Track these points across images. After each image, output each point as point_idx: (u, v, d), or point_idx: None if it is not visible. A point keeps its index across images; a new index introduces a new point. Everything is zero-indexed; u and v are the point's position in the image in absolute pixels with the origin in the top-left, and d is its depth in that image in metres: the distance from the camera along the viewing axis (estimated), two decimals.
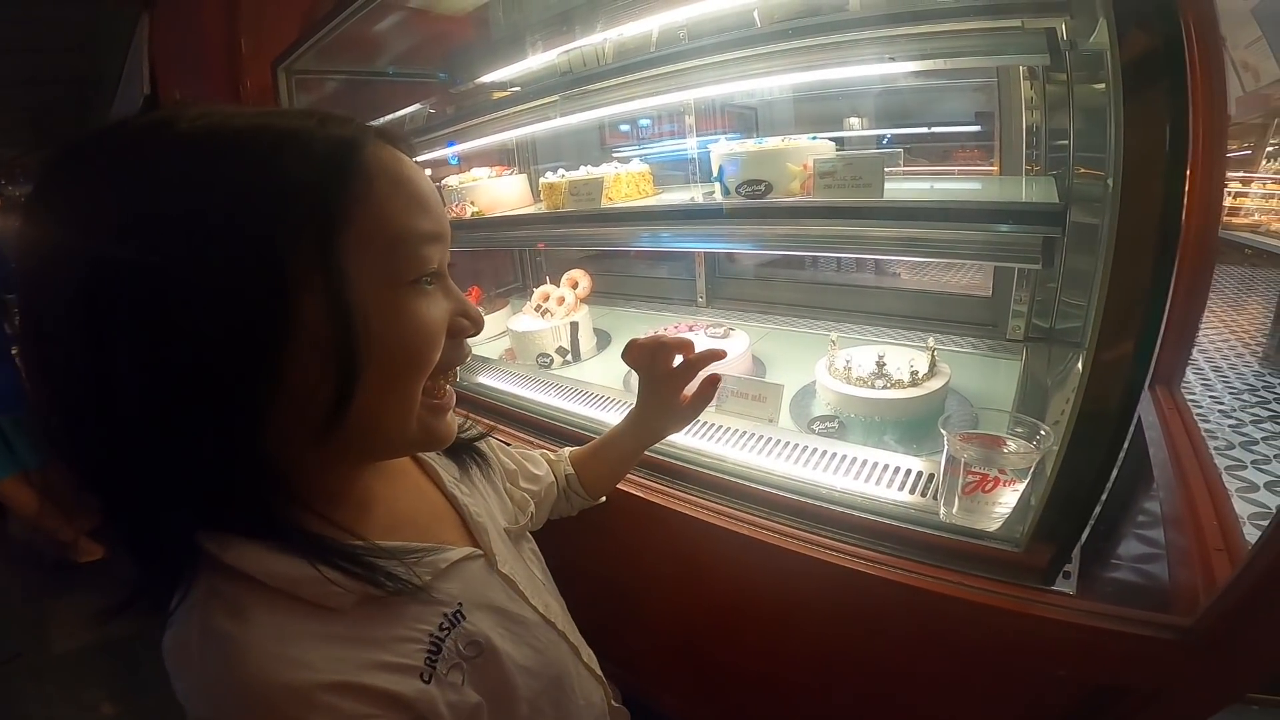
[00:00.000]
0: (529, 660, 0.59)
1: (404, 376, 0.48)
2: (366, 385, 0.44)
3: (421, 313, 0.47)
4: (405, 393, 0.49)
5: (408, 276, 0.47)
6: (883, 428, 1.24)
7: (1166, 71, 0.60)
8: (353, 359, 0.43)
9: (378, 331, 0.44)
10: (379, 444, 0.52)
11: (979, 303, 1.64)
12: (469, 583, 0.58)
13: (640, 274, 2.40)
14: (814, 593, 1.00)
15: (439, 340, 0.49)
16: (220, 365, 0.40)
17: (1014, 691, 0.91)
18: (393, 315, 0.46)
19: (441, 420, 0.54)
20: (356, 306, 0.43)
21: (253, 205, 0.40)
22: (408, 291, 0.47)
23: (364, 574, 0.48)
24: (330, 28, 1.77)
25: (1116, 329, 0.68)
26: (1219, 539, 0.83)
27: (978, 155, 1.86)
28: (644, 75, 1.26)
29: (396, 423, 0.50)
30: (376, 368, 0.45)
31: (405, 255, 0.46)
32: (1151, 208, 0.62)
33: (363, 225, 0.44)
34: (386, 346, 0.45)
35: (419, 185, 0.48)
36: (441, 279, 0.51)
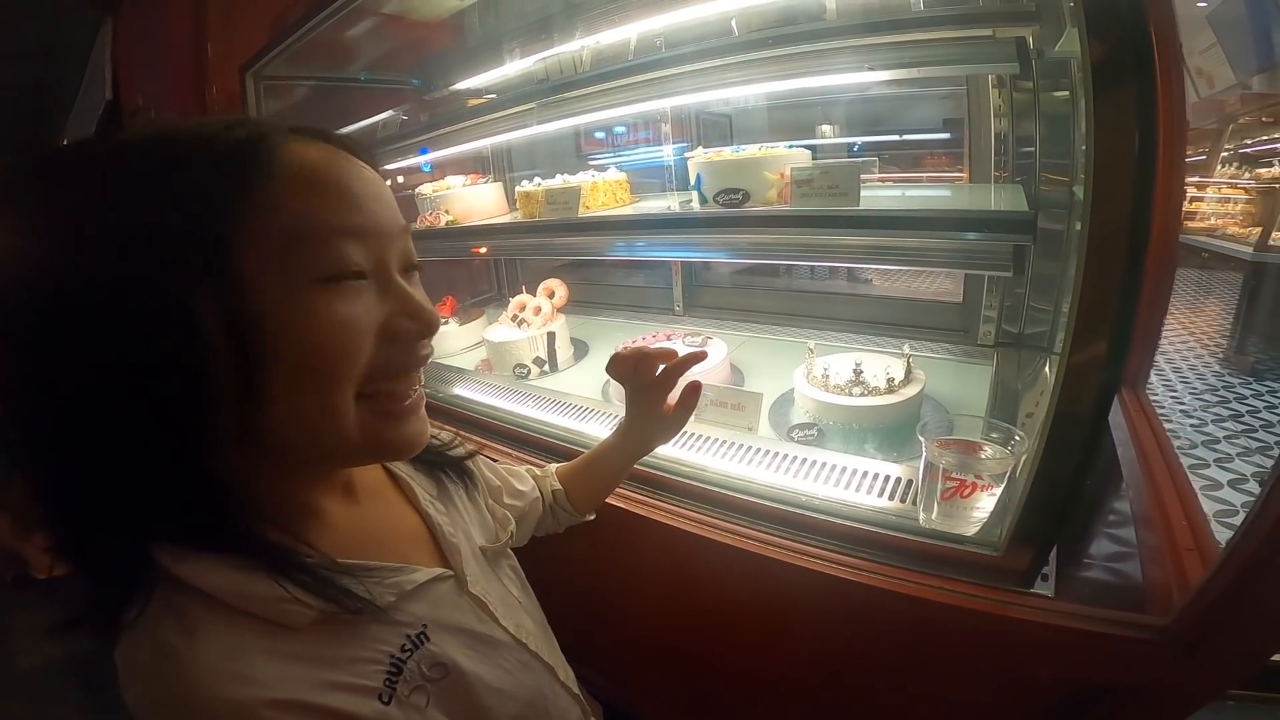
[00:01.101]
0: (501, 681, 0.58)
1: (320, 382, 0.45)
2: (282, 392, 0.43)
3: (335, 314, 0.44)
4: (327, 400, 0.45)
5: (320, 274, 0.44)
6: (861, 434, 1.25)
7: (1136, 78, 0.61)
8: (249, 366, 0.41)
9: (286, 335, 0.42)
10: (317, 453, 0.49)
11: (951, 309, 1.67)
12: (437, 604, 0.57)
13: (617, 283, 2.40)
14: (797, 600, 1.00)
15: (358, 343, 0.46)
16: (132, 380, 0.40)
17: (997, 693, 0.92)
18: (300, 317, 0.43)
19: (397, 428, 0.50)
20: (255, 311, 0.41)
21: (144, 218, 0.40)
22: (322, 292, 0.44)
23: (320, 589, 0.47)
24: (302, 33, 1.74)
25: (1090, 333, 0.69)
26: (1189, 538, 0.84)
27: (947, 162, 1.89)
28: (622, 83, 1.26)
29: (327, 431, 0.46)
30: (287, 373, 0.43)
31: (316, 253, 0.44)
32: (1122, 212, 0.64)
33: (266, 225, 0.42)
34: (296, 351, 0.43)
35: (340, 180, 0.46)
36: (381, 276, 0.48)
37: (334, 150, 0.48)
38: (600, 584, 1.32)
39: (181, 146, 0.42)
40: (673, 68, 1.18)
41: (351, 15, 1.70)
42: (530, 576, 0.78)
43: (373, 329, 0.47)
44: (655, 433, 0.91)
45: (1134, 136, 0.61)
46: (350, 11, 1.64)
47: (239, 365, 0.41)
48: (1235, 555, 0.63)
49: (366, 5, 1.82)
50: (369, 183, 0.49)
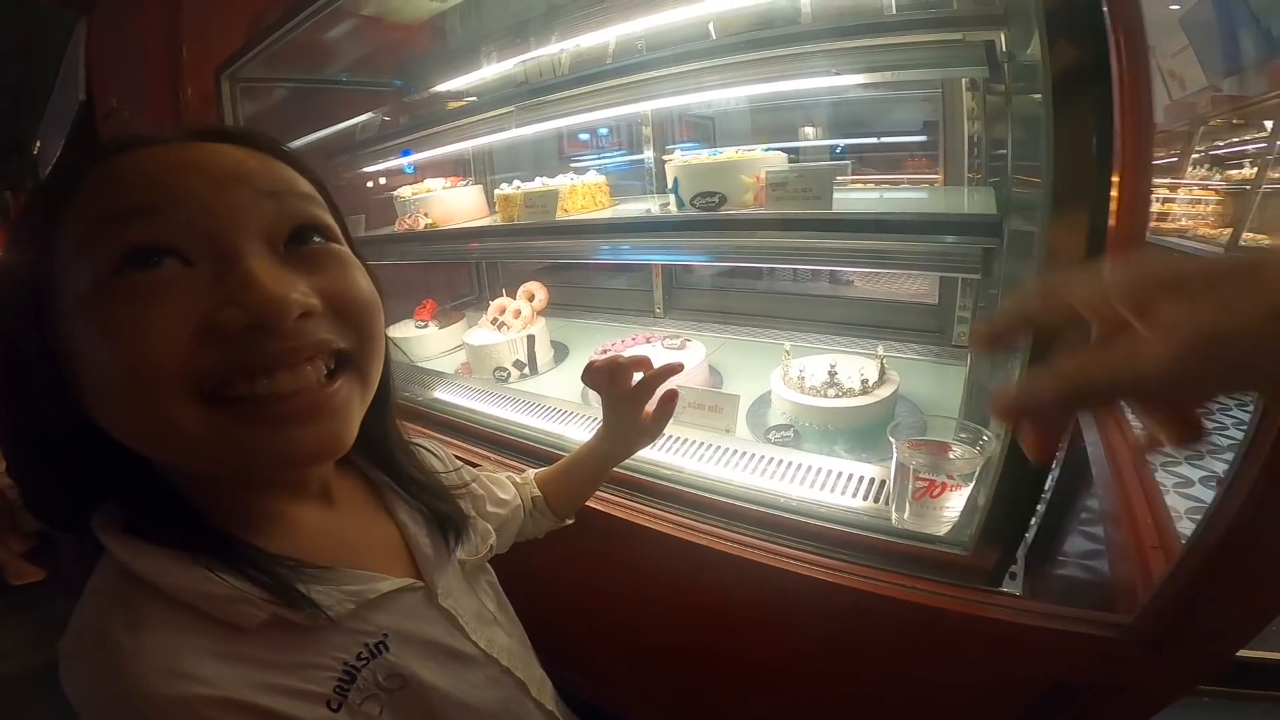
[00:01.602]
0: (465, 696, 0.57)
1: (132, 390, 0.39)
2: (109, 410, 0.42)
3: (119, 315, 0.38)
4: (152, 411, 0.39)
5: (103, 268, 0.38)
6: (836, 436, 1.26)
7: (1094, 81, 0.62)
8: (60, 387, 0.43)
9: (82, 349, 0.40)
10: (186, 466, 0.46)
11: (925, 310, 1.69)
12: (403, 615, 0.56)
13: (597, 285, 2.40)
14: (773, 601, 1.01)
15: (154, 341, 0.38)
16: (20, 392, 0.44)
17: (971, 692, 0.93)
18: (95, 322, 0.39)
19: (269, 435, 0.42)
20: (57, 328, 0.41)
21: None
22: (113, 289, 0.39)
23: (271, 588, 0.46)
24: (279, 35, 1.72)
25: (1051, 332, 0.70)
26: (1154, 536, 0.86)
27: (923, 164, 1.91)
28: (601, 86, 1.26)
29: (170, 444, 0.42)
30: (97, 388, 0.41)
31: (98, 241, 0.39)
32: (1081, 213, 0.65)
33: (71, 216, 0.41)
34: (94, 362, 0.39)
35: (123, 167, 0.41)
36: (217, 255, 0.41)
37: (184, 145, 0.44)
38: (580, 587, 1.32)
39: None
40: (651, 71, 1.19)
41: (330, 17, 1.69)
42: (511, 582, 0.78)
43: (185, 326, 0.39)
44: (633, 439, 0.91)
45: (1091, 139, 0.62)
46: (329, 13, 1.63)
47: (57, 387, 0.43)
48: (1194, 552, 0.64)
49: (345, 7, 1.81)
50: (198, 152, 0.43)
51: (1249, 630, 0.64)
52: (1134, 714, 0.78)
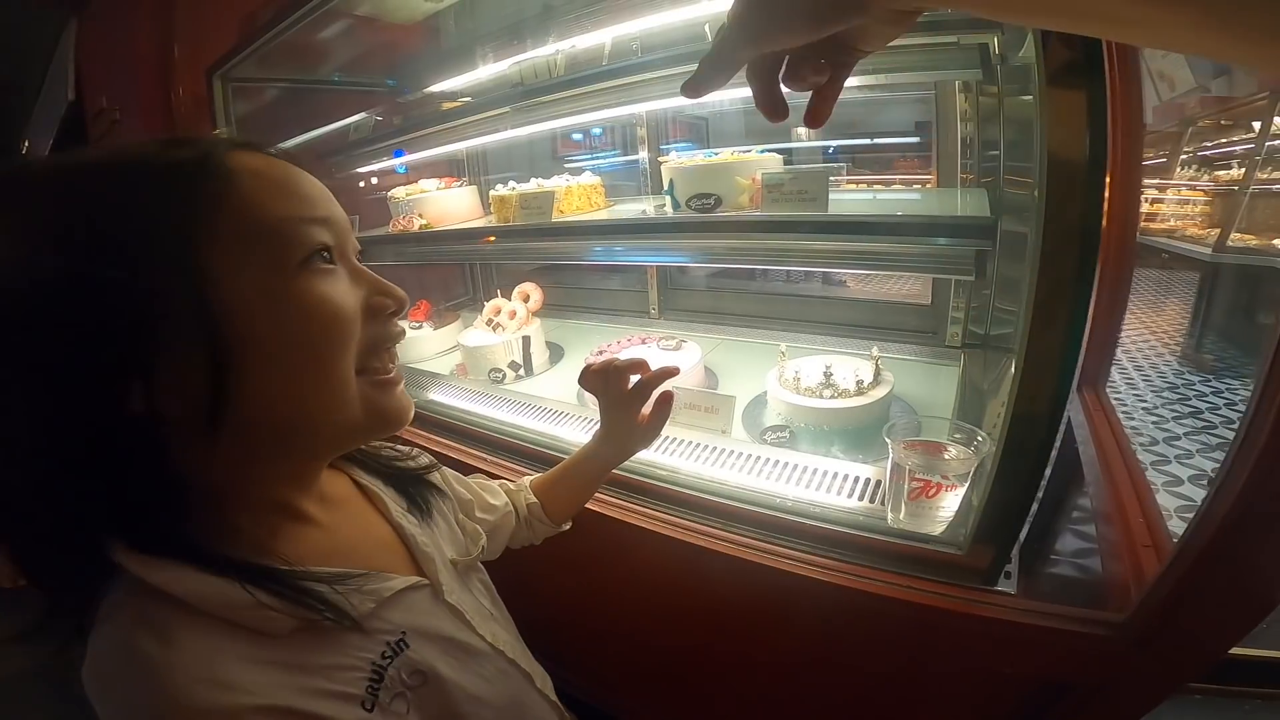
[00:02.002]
0: (479, 689, 0.58)
1: (320, 357, 0.48)
2: (278, 378, 0.46)
3: (322, 291, 0.48)
4: (330, 373, 0.48)
5: (295, 259, 0.47)
6: (831, 436, 1.27)
7: (1087, 83, 0.63)
8: (225, 354, 0.43)
9: (275, 319, 0.45)
10: (318, 435, 0.51)
11: (919, 311, 1.70)
12: (414, 612, 0.57)
13: (592, 286, 2.40)
14: (770, 601, 1.01)
15: (349, 315, 0.49)
16: (99, 391, 0.41)
17: (964, 690, 0.94)
18: (287, 300, 0.46)
19: (391, 395, 0.54)
20: (233, 303, 0.43)
21: (103, 238, 0.41)
22: (300, 275, 0.47)
23: (297, 599, 0.47)
24: (272, 34, 1.72)
25: (1045, 333, 0.71)
26: (1146, 535, 0.87)
27: (916, 165, 1.93)
28: (596, 88, 1.26)
29: (333, 407, 0.49)
30: (281, 358, 0.45)
31: (285, 239, 0.46)
32: (1074, 213, 0.66)
33: (228, 224, 0.44)
34: (289, 331, 0.46)
35: (289, 175, 0.49)
36: (346, 261, 0.52)
37: (273, 159, 0.50)
38: (577, 588, 1.32)
39: (127, 166, 0.44)
40: (647, 72, 1.19)
41: (324, 17, 1.68)
42: (509, 583, 0.78)
43: (357, 306, 0.50)
44: (630, 442, 0.91)
45: (1084, 141, 0.63)
46: (323, 13, 1.63)
47: (213, 358, 0.43)
48: (1187, 550, 0.65)
49: (339, 7, 1.80)
50: (315, 183, 0.52)
51: (1240, 629, 0.65)
52: (1126, 711, 0.79)
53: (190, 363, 0.43)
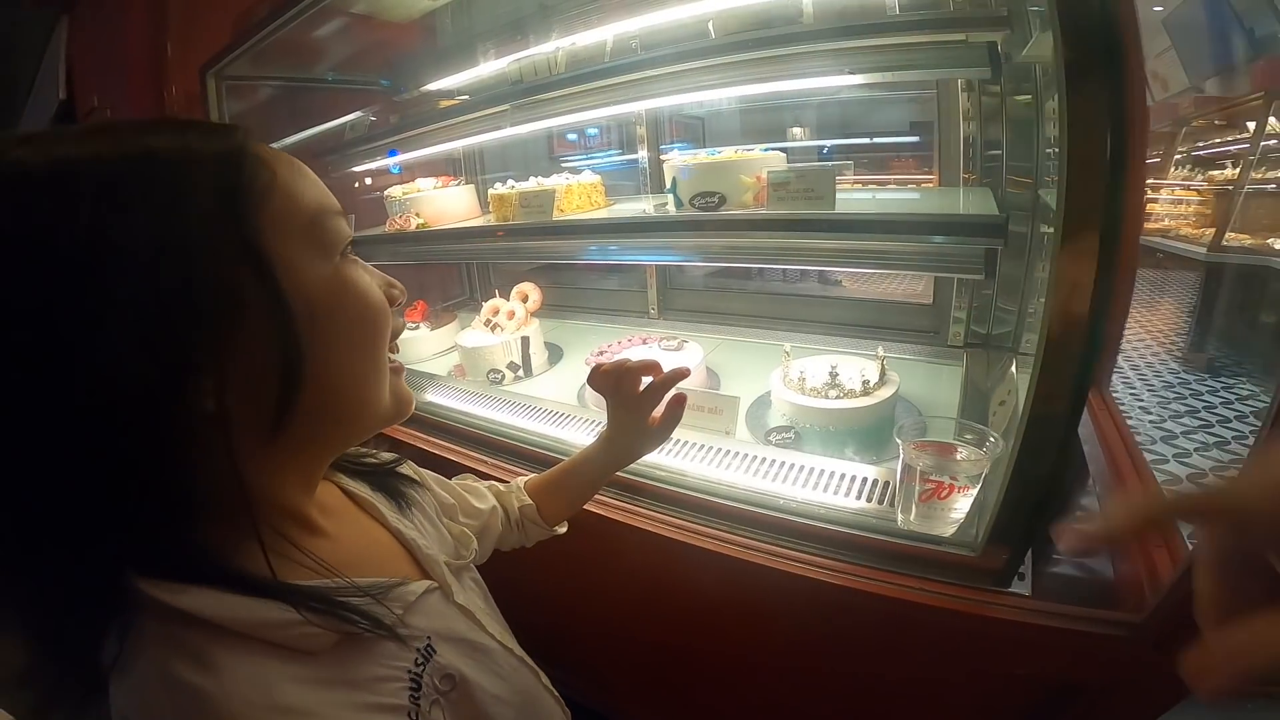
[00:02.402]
0: (499, 689, 0.58)
1: (371, 341, 0.49)
2: (335, 363, 0.46)
3: (364, 279, 0.49)
4: (377, 358, 0.51)
5: (338, 248, 0.48)
6: (838, 437, 1.26)
7: (1107, 78, 0.62)
8: (298, 341, 0.43)
9: (330, 305, 0.46)
10: (353, 425, 0.52)
11: (921, 310, 1.69)
12: (432, 616, 0.56)
13: (592, 286, 2.39)
14: (778, 603, 1.00)
15: (384, 303, 0.51)
16: (169, 392, 0.39)
17: (976, 692, 0.93)
18: (340, 287, 0.47)
19: (402, 384, 0.56)
20: (298, 288, 0.43)
21: (166, 231, 0.39)
22: (344, 262, 0.48)
23: (333, 612, 0.45)
24: (266, 32, 1.70)
25: (1064, 335, 0.70)
26: (1157, 535, 0.86)
27: (917, 165, 1.92)
28: (597, 85, 1.25)
29: (375, 390, 0.51)
30: (340, 338, 0.47)
31: (327, 229, 0.47)
32: (1096, 213, 0.65)
33: (279, 210, 0.44)
34: (345, 317, 0.47)
35: (305, 167, 0.49)
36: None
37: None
38: (581, 589, 1.31)
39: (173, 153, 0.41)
40: (648, 70, 1.18)
41: (319, 15, 1.66)
42: (508, 583, 0.77)
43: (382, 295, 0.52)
44: (638, 445, 0.89)
45: (1106, 136, 0.62)
46: (317, 11, 1.61)
47: (285, 343, 0.42)
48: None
49: (335, 5, 1.78)
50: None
51: None
52: (1141, 712, 0.78)
53: (261, 353, 0.42)
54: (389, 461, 0.72)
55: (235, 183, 0.42)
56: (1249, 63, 4.10)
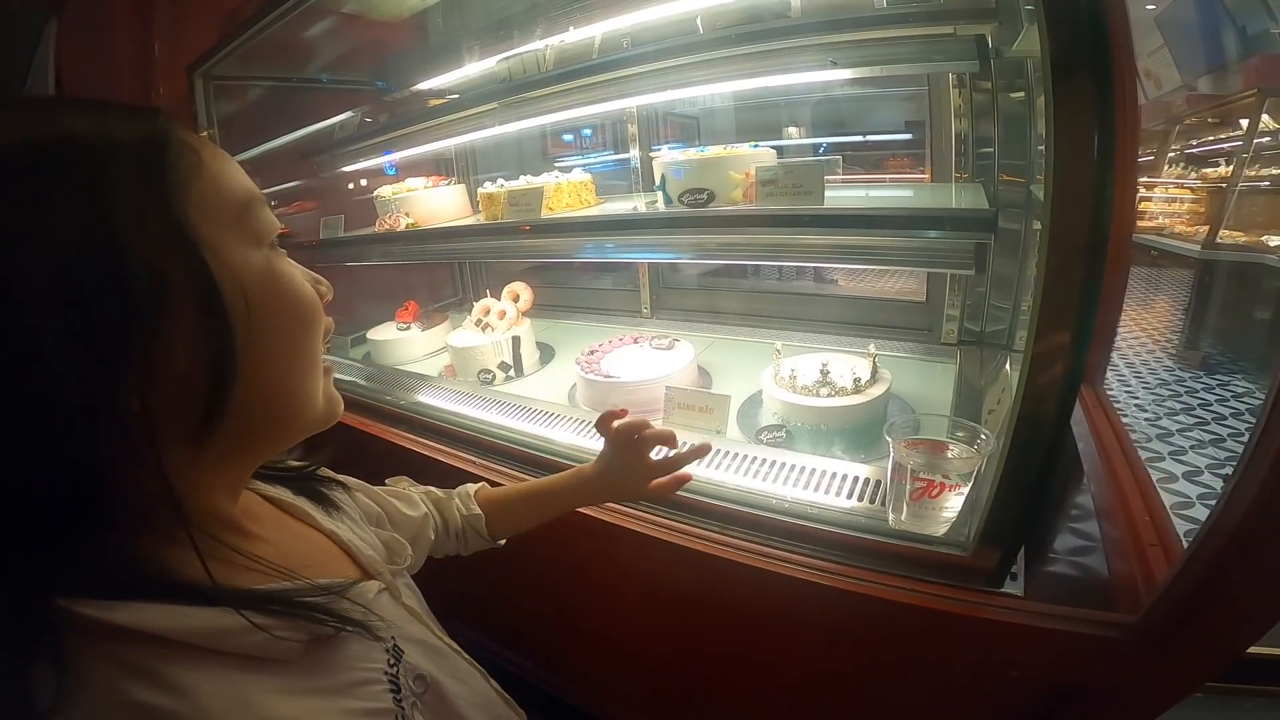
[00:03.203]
0: (462, 691, 0.56)
1: (306, 337, 0.47)
2: (266, 361, 0.43)
3: (293, 273, 0.47)
4: (312, 355, 0.47)
5: (268, 238, 0.45)
6: (829, 435, 1.24)
7: (1095, 74, 0.61)
8: (230, 334, 0.40)
9: (263, 297, 0.43)
10: (284, 428, 0.48)
11: (915, 308, 1.68)
12: (389, 617, 0.53)
13: (583, 285, 2.38)
14: (769, 605, 0.99)
15: (315, 298, 0.48)
16: (84, 388, 0.35)
17: (970, 695, 0.92)
18: (273, 278, 0.44)
19: (331, 385, 0.52)
20: (230, 277, 0.40)
21: (86, 215, 0.36)
22: (274, 254, 0.45)
23: (301, 614, 0.43)
24: (253, 32, 1.68)
25: (1053, 332, 0.69)
26: (1152, 534, 0.85)
27: (910, 162, 1.92)
28: (586, 82, 1.24)
29: (309, 389, 0.48)
30: (278, 334, 0.44)
31: (258, 217, 0.44)
32: (1083, 210, 0.64)
33: (207, 194, 0.41)
34: (280, 310, 0.44)
35: (229, 157, 0.46)
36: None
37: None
38: (567, 592, 1.29)
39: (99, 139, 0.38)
40: (637, 66, 1.17)
41: (306, 14, 1.65)
42: (498, 586, 0.76)
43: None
44: (618, 496, 0.87)
45: (1094, 133, 0.61)
46: (305, 10, 1.59)
47: (216, 334, 0.39)
48: (1200, 553, 0.63)
49: (323, 4, 1.77)
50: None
51: (1257, 629, 0.63)
52: (1139, 715, 0.77)
53: (190, 347, 0.39)
54: (306, 465, 0.68)
55: (160, 165, 0.39)
56: (1241, 60, 4.11)
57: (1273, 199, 3.98)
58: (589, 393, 1.53)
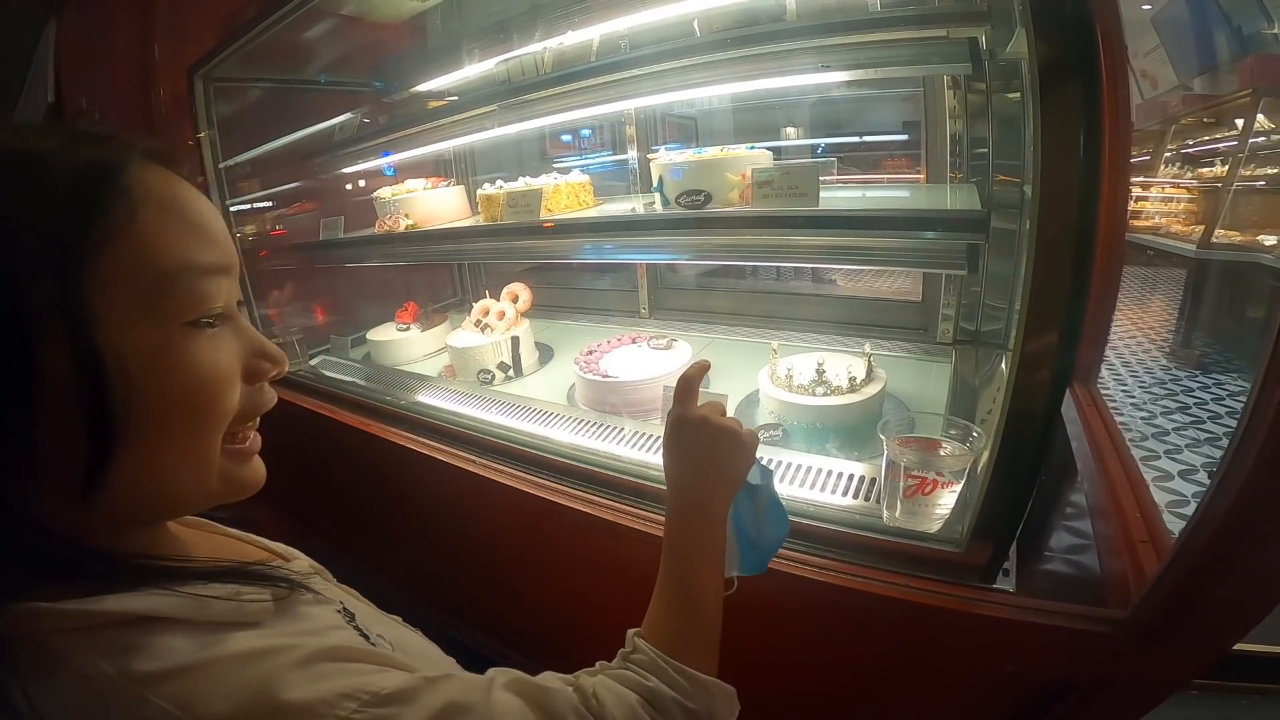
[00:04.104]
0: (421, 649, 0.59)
1: (192, 429, 0.43)
2: (149, 442, 0.40)
3: (204, 358, 0.42)
4: (197, 446, 0.44)
5: (183, 316, 0.41)
6: (825, 434, 1.26)
7: (1081, 77, 0.62)
8: (105, 414, 0.37)
9: (149, 380, 0.39)
10: (173, 503, 0.46)
11: (910, 307, 1.69)
12: (330, 595, 0.54)
13: (582, 286, 2.39)
14: (764, 601, 1.00)
15: (228, 387, 0.44)
16: None
17: (965, 689, 0.93)
18: (167, 361, 0.40)
19: (247, 467, 0.49)
20: (112, 353, 0.37)
21: None
22: (184, 334, 0.41)
23: (254, 579, 0.45)
24: (254, 33, 1.69)
25: (1041, 329, 0.70)
26: (1143, 530, 0.86)
27: (906, 163, 1.93)
28: (584, 84, 1.25)
29: (192, 479, 0.44)
30: (156, 420, 0.40)
31: (179, 292, 0.41)
32: (1069, 209, 0.65)
33: (122, 260, 0.38)
34: (164, 396, 0.40)
35: (197, 210, 0.43)
36: (230, 319, 0.46)
37: (183, 180, 0.45)
38: (566, 590, 1.30)
39: (17, 162, 0.38)
40: (635, 69, 1.18)
41: (307, 16, 1.66)
42: (496, 584, 0.76)
43: (237, 372, 0.46)
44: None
45: (1079, 135, 0.62)
46: (305, 12, 1.61)
47: (91, 414, 0.37)
48: (1187, 547, 0.64)
49: (322, 6, 1.78)
50: (219, 216, 0.46)
51: (1244, 625, 0.65)
52: (1129, 709, 0.78)
53: (66, 416, 0.37)
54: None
55: (78, 217, 0.37)
56: (1237, 60, 4.12)
57: (1268, 199, 4.00)
58: (587, 392, 1.54)
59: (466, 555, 1.46)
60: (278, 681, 0.38)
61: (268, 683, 0.38)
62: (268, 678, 0.38)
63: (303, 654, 0.40)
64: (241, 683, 0.38)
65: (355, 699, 0.39)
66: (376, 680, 0.41)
